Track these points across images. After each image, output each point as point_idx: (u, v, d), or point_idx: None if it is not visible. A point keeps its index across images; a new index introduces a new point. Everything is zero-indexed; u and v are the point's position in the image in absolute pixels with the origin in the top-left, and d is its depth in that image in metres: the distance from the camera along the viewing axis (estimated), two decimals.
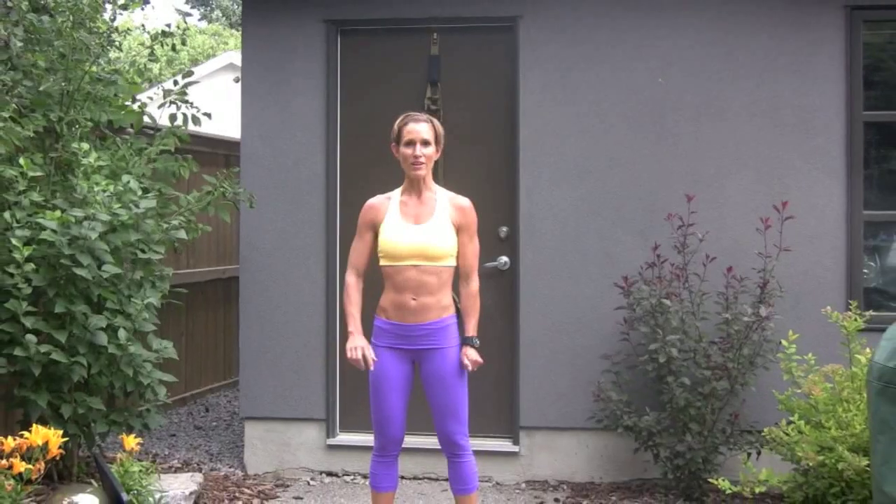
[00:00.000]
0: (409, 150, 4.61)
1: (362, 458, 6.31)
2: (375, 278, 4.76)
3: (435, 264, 4.58)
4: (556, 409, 6.19)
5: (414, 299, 4.58)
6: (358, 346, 4.59)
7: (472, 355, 4.63)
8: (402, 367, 4.65)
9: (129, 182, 5.50)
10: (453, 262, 4.65)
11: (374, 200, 4.75)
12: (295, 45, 6.44)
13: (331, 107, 6.41)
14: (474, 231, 4.70)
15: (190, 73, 6.53)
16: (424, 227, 4.60)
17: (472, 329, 4.68)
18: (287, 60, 6.45)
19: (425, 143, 4.61)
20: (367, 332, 4.68)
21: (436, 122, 4.70)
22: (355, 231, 4.71)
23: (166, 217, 5.94)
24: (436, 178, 6.24)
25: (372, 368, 4.60)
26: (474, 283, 4.71)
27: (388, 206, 4.68)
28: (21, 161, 5.21)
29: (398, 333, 4.62)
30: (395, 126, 4.69)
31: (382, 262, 4.65)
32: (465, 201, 4.69)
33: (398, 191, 4.73)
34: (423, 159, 4.60)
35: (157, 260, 5.76)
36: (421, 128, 4.61)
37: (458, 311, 4.72)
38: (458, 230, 4.64)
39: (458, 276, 4.70)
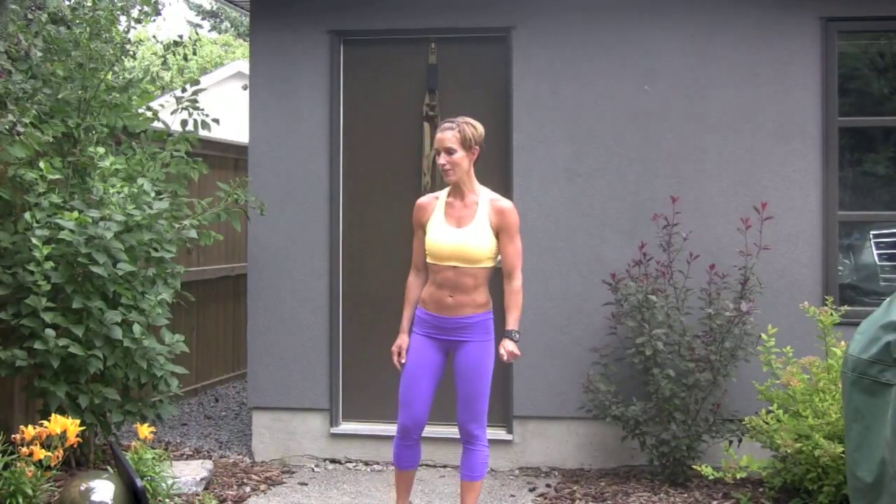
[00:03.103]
0: (438, 158, 4.65)
1: (364, 446, 6.32)
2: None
3: (473, 266, 4.61)
4: (547, 399, 6.20)
5: (451, 296, 4.64)
6: (396, 345, 4.79)
7: (509, 347, 4.64)
8: (436, 355, 4.73)
9: (143, 184, 5.51)
10: (491, 264, 4.67)
11: (423, 200, 4.83)
12: (300, 55, 6.44)
13: (334, 113, 6.41)
14: (515, 232, 4.67)
15: (197, 83, 6.51)
16: (464, 231, 4.62)
17: (512, 323, 4.67)
18: (293, 69, 6.45)
19: (449, 150, 4.60)
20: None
21: (466, 127, 4.63)
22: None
23: (179, 218, 5.95)
24: (433, 181, 6.28)
25: (400, 369, 4.77)
26: (517, 281, 4.70)
27: (435, 207, 4.74)
28: (41, 165, 5.21)
29: (435, 324, 4.70)
30: None
31: (428, 259, 4.72)
32: (505, 204, 4.69)
33: (446, 191, 4.76)
34: (448, 166, 4.61)
35: (170, 258, 5.77)
36: (445, 136, 4.62)
37: None
38: (499, 232, 4.64)
39: (503, 274, 4.72)
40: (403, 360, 4.75)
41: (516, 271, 4.69)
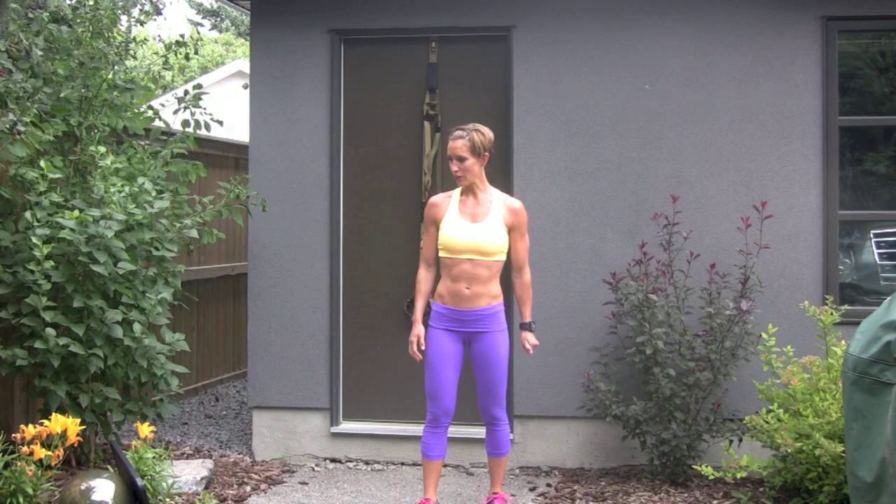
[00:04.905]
0: (451, 165, 4.91)
1: (364, 445, 6.32)
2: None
3: (487, 259, 4.88)
4: (548, 399, 6.20)
5: (468, 288, 4.89)
6: (414, 335, 4.98)
7: (530, 339, 5.02)
8: (455, 347, 4.94)
9: (143, 183, 5.51)
10: (504, 257, 4.94)
11: (436, 198, 5.08)
12: (301, 54, 6.44)
13: (335, 112, 6.41)
14: (525, 230, 5.02)
15: (199, 87, 6.48)
16: (479, 226, 4.89)
17: (527, 315, 5.05)
18: (293, 68, 6.45)
19: (460, 158, 4.88)
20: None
21: (476, 134, 4.91)
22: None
23: (180, 217, 5.95)
24: (434, 181, 6.28)
25: (419, 358, 4.97)
26: (527, 275, 5.07)
27: (449, 204, 4.99)
28: (42, 164, 5.21)
29: (453, 317, 4.93)
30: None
31: (441, 254, 4.95)
32: (516, 203, 5.01)
33: (458, 190, 5.00)
34: (459, 173, 4.90)
35: (170, 257, 5.77)
36: (456, 144, 4.91)
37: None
38: (510, 229, 4.95)
39: (511, 269, 5.00)
40: (423, 347, 4.94)
41: (526, 266, 5.04)
